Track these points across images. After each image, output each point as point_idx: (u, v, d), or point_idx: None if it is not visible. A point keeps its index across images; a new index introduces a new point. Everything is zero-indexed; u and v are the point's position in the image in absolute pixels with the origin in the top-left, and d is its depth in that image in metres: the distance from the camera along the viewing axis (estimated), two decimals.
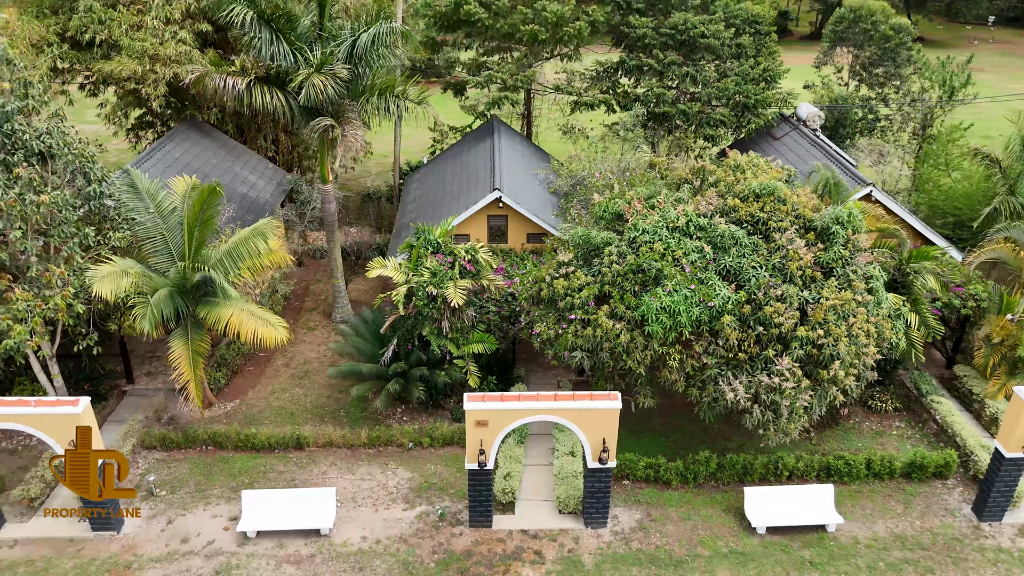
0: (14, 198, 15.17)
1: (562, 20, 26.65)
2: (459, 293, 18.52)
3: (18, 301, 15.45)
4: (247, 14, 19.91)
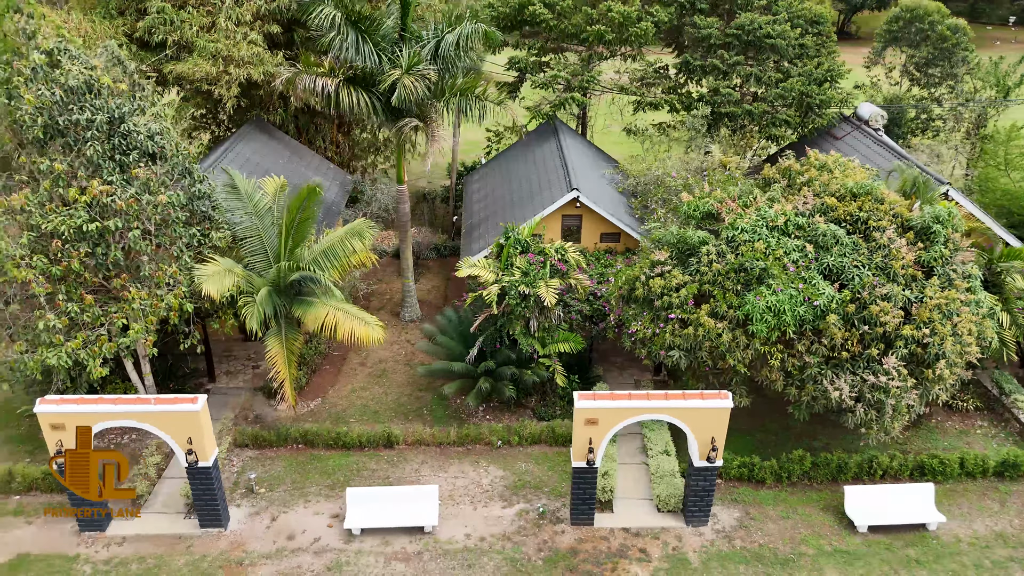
0: (133, 198, 15.32)
1: (628, 21, 26.71)
2: (551, 292, 18.61)
3: (135, 300, 15.61)
4: (336, 15, 20.03)
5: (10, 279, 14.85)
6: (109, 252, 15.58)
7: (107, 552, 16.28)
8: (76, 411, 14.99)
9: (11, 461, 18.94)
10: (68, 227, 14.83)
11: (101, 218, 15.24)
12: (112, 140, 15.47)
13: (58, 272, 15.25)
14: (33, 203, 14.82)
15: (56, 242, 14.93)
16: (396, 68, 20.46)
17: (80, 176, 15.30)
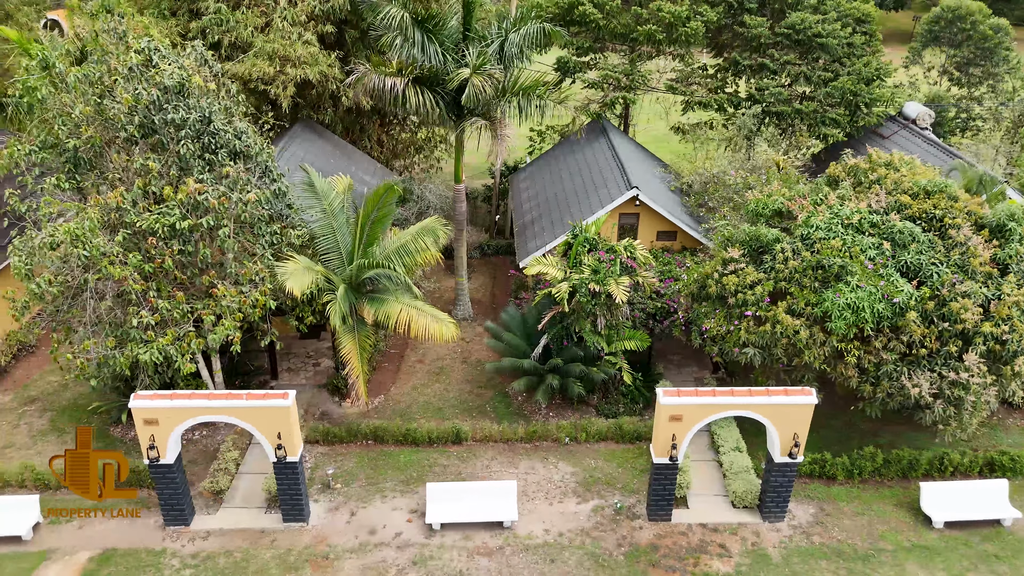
0: (224, 196, 15.51)
1: (679, 20, 26.83)
2: (622, 290, 18.75)
3: (226, 297, 15.79)
4: (403, 15, 20.21)
5: (105, 276, 15.03)
6: (198, 250, 15.77)
7: (192, 546, 16.47)
8: (170, 406, 15.18)
9: None
10: (162, 225, 15.03)
11: (193, 216, 15.43)
12: (202, 139, 15.67)
13: (150, 269, 15.44)
14: (128, 201, 15.01)
15: (151, 240, 15.11)
16: (461, 67, 20.65)
17: (172, 175, 15.50)
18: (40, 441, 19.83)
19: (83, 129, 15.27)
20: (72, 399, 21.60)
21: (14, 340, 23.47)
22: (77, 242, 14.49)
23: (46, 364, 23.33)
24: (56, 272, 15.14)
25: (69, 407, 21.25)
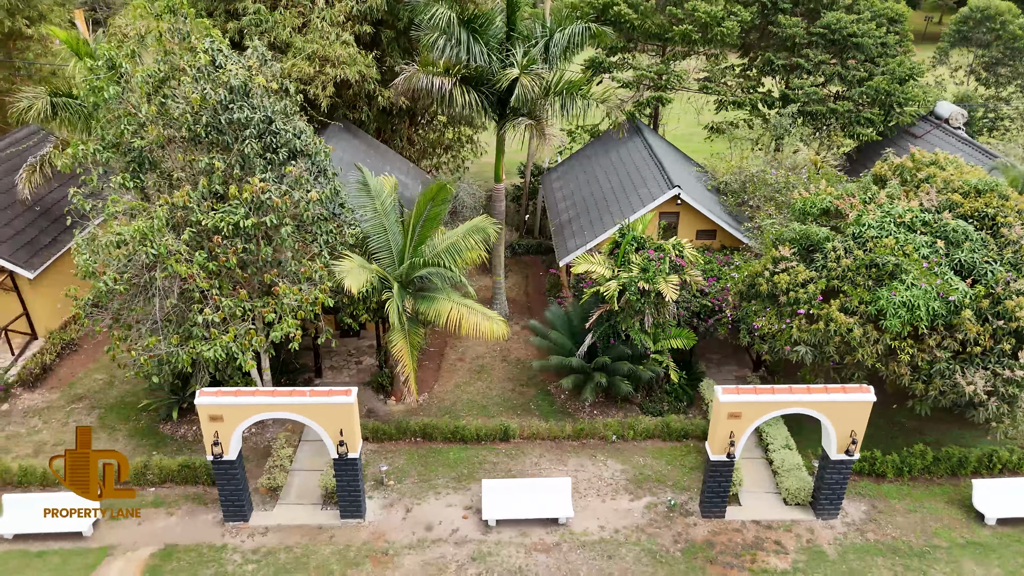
0: (287, 195, 15.65)
1: (714, 20, 26.94)
2: (671, 288, 18.85)
3: (288, 295, 15.93)
4: (451, 16, 20.34)
5: (171, 274, 15.18)
6: (260, 248, 15.91)
7: (252, 542, 16.61)
8: (235, 403, 15.32)
9: (137, 454, 19.29)
10: (227, 223, 15.16)
11: (256, 214, 15.57)
12: (263, 138, 15.81)
13: (213, 267, 15.58)
14: (194, 200, 15.15)
15: (217, 238, 15.25)
16: (506, 67, 20.77)
17: (235, 174, 15.65)
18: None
19: (149, 129, 15.41)
20: (119, 397, 21.76)
21: (58, 339, 23.65)
22: (145, 240, 14.63)
23: (90, 362, 23.50)
24: (122, 270, 15.27)
25: (116, 405, 21.41)
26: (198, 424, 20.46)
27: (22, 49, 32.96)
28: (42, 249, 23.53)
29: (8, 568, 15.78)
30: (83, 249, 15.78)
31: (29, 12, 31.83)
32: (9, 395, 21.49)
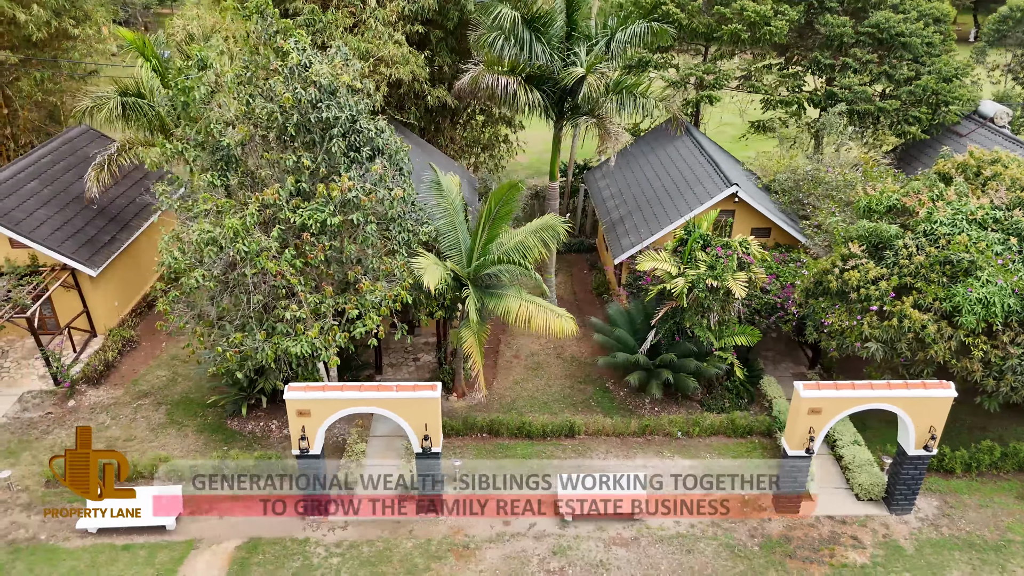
0: (372, 193, 15.84)
1: (763, 19, 27.06)
2: (739, 285, 19.00)
3: (375, 291, 16.12)
4: (514, 16, 20.51)
5: (260, 271, 15.36)
6: (344, 245, 16.10)
7: (334, 536, 16.80)
8: (323, 398, 15.51)
9: (208, 449, 19.49)
10: (315, 221, 15.35)
11: (343, 212, 15.76)
12: (348, 137, 16.00)
13: (300, 264, 15.77)
14: (283, 198, 15.35)
15: (306, 235, 15.44)
16: (568, 66, 20.94)
17: (321, 172, 15.84)
18: (161, 434, 20.19)
19: (239, 128, 15.60)
20: (183, 393, 21.97)
21: (118, 336, 23.87)
22: (237, 238, 14.82)
23: (150, 359, 23.72)
24: (211, 267, 15.47)
25: (182, 401, 21.62)
26: (265, 420, 20.68)
27: (67, 49, 33.24)
28: (102, 247, 23.76)
29: (97, 561, 15.99)
30: (169, 246, 15.98)
31: (75, 12, 32.11)
32: (75, 392, 21.72)
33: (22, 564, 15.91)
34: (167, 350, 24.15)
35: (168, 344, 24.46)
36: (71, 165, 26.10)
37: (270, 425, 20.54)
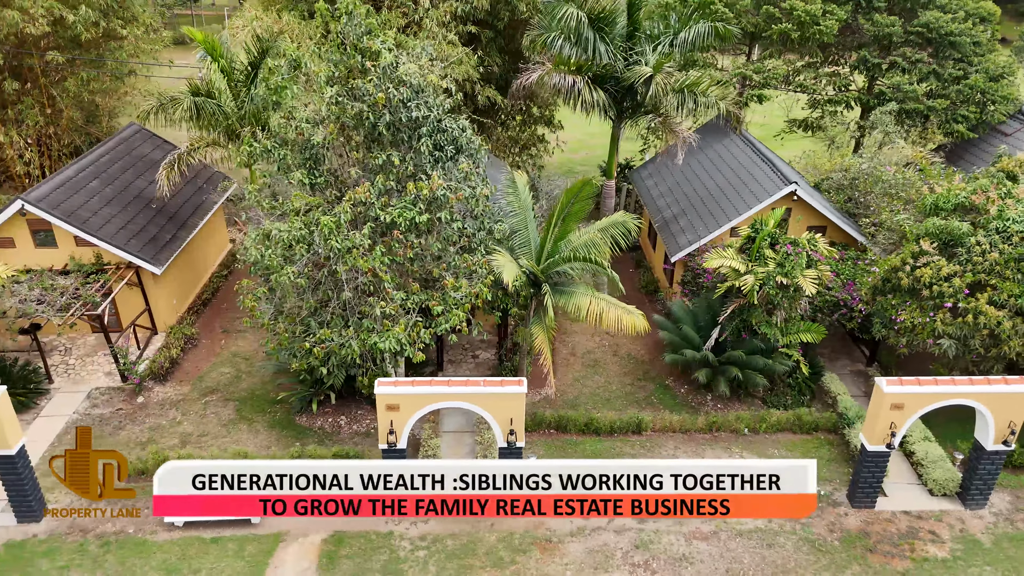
0: (461, 191, 16.05)
1: (813, 19, 27.22)
2: (810, 282, 19.16)
3: (460, 288, 16.34)
4: (579, 15, 20.72)
5: (351, 267, 15.57)
6: (430, 243, 16.31)
7: (416, 529, 17.00)
8: (413, 393, 15.71)
9: (281, 445, 19.72)
10: (404, 219, 15.56)
11: (430, 210, 15.97)
12: (434, 136, 16.21)
13: (388, 261, 15.96)
14: (373, 196, 15.56)
15: (396, 233, 15.65)
16: (630, 65, 21.15)
17: (408, 170, 16.05)
18: (232, 430, 20.43)
19: (330, 127, 15.83)
20: (248, 390, 22.20)
21: (179, 333, 24.12)
22: (331, 235, 15.04)
23: (212, 357, 23.95)
24: (302, 264, 15.68)
25: (249, 397, 21.85)
26: (333, 416, 20.89)
27: (113, 49, 33.54)
28: (164, 245, 24.02)
29: (188, 554, 16.21)
30: (257, 244, 16.20)
31: (123, 13, 32.40)
32: (142, 388, 21.97)
33: (113, 557, 16.15)
34: (227, 347, 24.40)
35: (227, 342, 24.72)
36: (128, 164, 26.38)
37: (338, 421, 20.77)
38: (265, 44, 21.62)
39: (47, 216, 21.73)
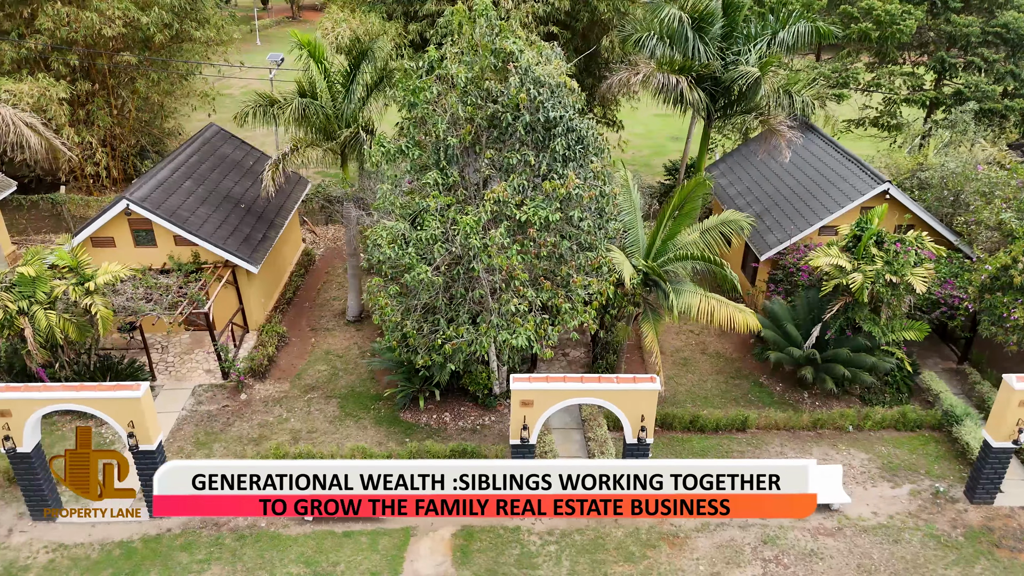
0: (594, 189, 16.26)
1: (892, 19, 27.32)
2: (920, 280, 19.27)
3: (590, 285, 16.53)
4: (680, 16, 20.89)
5: (487, 266, 15.78)
6: (561, 241, 16.51)
7: (542, 524, 17.19)
8: (547, 388, 15.89)
9: (391, 440, 19.94)
10: (539, 218, 15.76)
11: (563, 209, 16.16)
12: (568, 135, 16.41)
13: (522, 259, 16.17)
14: (510, 194, 15.77)
15: (531, 231, 15.86)
16: (727, 66, 21.31)
17: (542, 169, 16.26)
18: (340, 426, 20.68)
19: (468, 128, 16.06)
20: (348, 387, 22.45)
21: (272, 332, 24.40)
22: (473, 234, 15.26)
23: (305, 355, 24.22)
24: (438, 263, 15.91)
25: (349, 394, 22.09)
26: (437, 413, 21.11)
27: (184, 51, 33.95)
28: (257, 245, 24.32)
29: (323, 547, 16.46)
30: (382, 242, 16.42)
31: (196, 16, 32.80)
32: (244, 386, 22.24)
33: (251, 551, 16.41)
34: (317, 345, 24.67)
35: (317, 340, 24.98)
36: (215, 165, 26.73)
37: (443, 417, 20.99)
38: (364, 45, 21.85)
39: (152, 216, 22.05)
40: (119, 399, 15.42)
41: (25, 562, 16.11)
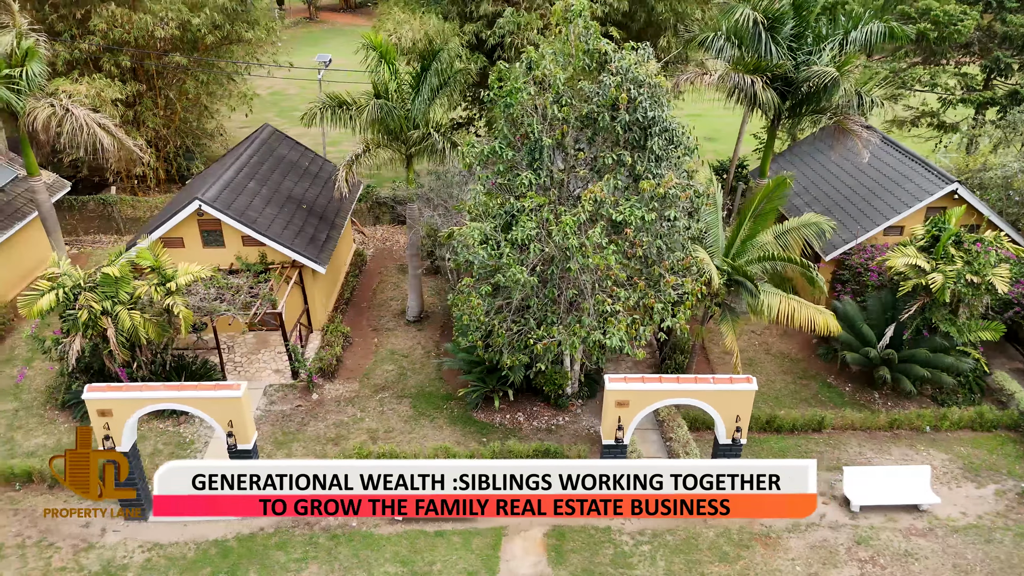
0: (690, 188, 16.28)
1: (951, 19, 27.25)
2: (1002, 280, 19.23)
3: (683, 285, 16.55)
4: (754, 16, 20.89)
5: (583, 266, 15.80)
6: (655, 241, 16.53)
7: (631, 525, 17.20)
8: (642, 389, 15.94)
9: (468, 439, 19.98)
10: (636, 217, 15.79)
11: (658, 208, 16.19)
12: (662, 135, 16.44)
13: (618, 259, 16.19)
14: (607, 194, 15.80)
15: (628, 231, 15.89)
16: (798, 66, 21.29)
17: (637, 169, 16.29)
18: (415, 426, 20.71)
19: (563, 128, 16.09)
20: (417, 386, 22.47)
21: (336, 331, 24.45)
22: (572, 234, 15.28)
23: (370, 354, 24.26)
24: (530, 264, 15.94)
25: (420, 394, 22.12)
26: (511, 413, 21.14)
27: (233, 52, 34.08)
28: (322, 245, 24.39)
29: (417, 547, 16.50)
30: (469, 243, 16.47)
31: (247, 17, 32.92)
32: (314, 386, 22.30)
33: (345, 549, 16.47)
34: (382, 345, 24.72)
35: (380, 339, 25.03)
36: (274, 166, 26.83)
37: (517, 417, 21.01)
38: (436, 47, 21.90)
39: (223, 217, 22.14)
40: (221, 399, 15.51)
41: (122, 561, 16.21)
